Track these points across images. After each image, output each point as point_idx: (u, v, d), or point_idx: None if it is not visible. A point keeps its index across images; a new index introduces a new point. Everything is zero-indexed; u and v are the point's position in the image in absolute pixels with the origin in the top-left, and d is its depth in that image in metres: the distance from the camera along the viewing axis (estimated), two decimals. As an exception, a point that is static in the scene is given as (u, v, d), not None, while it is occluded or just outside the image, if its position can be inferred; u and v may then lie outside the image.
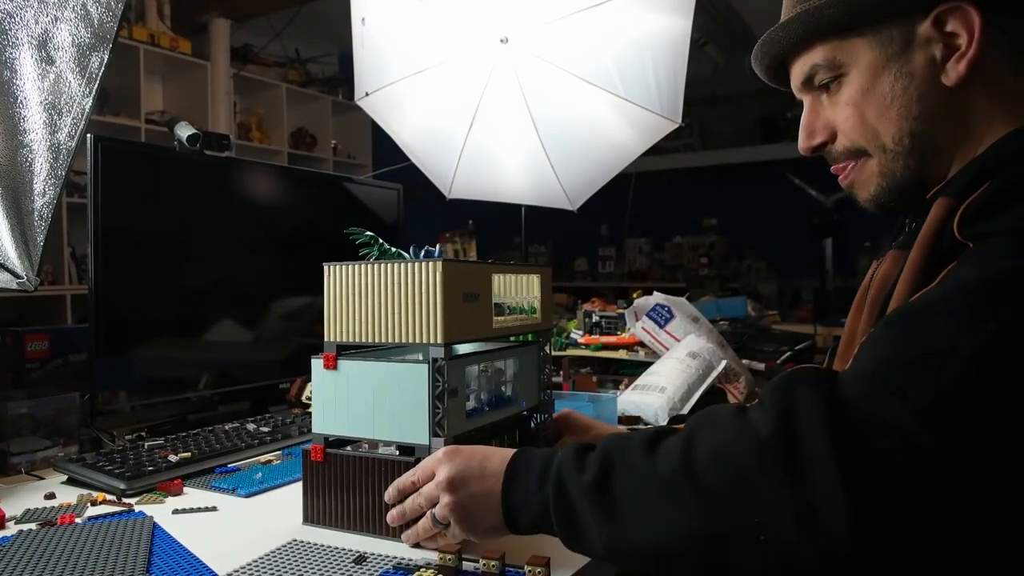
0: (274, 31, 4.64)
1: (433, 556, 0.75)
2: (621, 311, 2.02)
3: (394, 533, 0.81)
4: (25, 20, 1.00)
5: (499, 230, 4.22)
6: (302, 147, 5.04)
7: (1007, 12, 0.70)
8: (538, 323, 1.01)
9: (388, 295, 0.82)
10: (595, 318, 2.08)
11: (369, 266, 0.84)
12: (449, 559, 0.74)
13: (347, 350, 0.87)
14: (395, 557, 0.77)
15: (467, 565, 0.75)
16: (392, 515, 0.81)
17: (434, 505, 0.76)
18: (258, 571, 0.74)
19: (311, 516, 0.87)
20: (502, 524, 0.73)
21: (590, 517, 0.64)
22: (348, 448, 0.88)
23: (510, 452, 0.75)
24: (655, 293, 1.86)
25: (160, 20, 4.15)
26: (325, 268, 0.86)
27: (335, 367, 0.86)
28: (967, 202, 0.63)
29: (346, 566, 0.75)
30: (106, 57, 1.02)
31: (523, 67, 2.04)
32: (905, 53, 0.72)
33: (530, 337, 1.03)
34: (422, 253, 0.86)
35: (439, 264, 0.80)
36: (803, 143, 0.82)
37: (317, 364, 0.87)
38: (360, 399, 0.85)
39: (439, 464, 0.77)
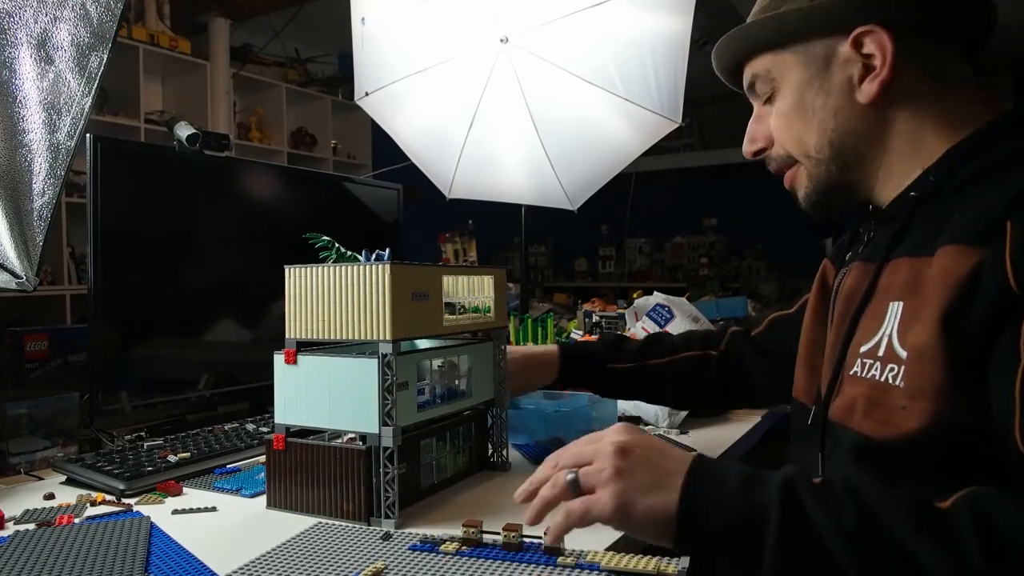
0: (274, 31, 4.64)
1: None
2: (621, 311, 2.02)
3: (349, 515, 0.87)
4: (24, 19, 1.00)
5: (499, 230, 4.21)
6: (302, 147, 5.04)
7: (918, 40, 0.76)
8: (492, 322, 1.07)
9: (343, 295, 0.89)
10: (595, 318, 2.08)
11: (326, 268, 0.90)
12: (472, 532, 0.78)
13: (308, 346, 0.93)
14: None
15: (488, 538, 0.79)
16: (524, 490, 0.72)
17: (579, 467, 0.67)
18: (258, 571, 0.74)
19: (274, 501, 0.93)
20: (671, 515, 0.62)
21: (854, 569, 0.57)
22: (311, 438, 0.94)
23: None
24: (655, 293, 1.86)
25: (159, 20, 4.14)
26: (286, 270, 0.93)
27: (295, 362, 0.92)
28: (1008, 253, 0.62)
29: (350, 565, 0.75)
30: (105, 57, 1.02)
31: (523, 67, 2.03)
32: (827, 71, 0.79)
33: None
34: (373, 256, 0.91)
35: (387, 267, 0.86)
36: (745, 147, 0.90)
37: (279, 359, 0.93)
38: (318, 392, 0.91)
39: (611, 432, 0.69)
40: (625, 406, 1.41)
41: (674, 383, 1.16)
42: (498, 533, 0.78)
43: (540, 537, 0.76)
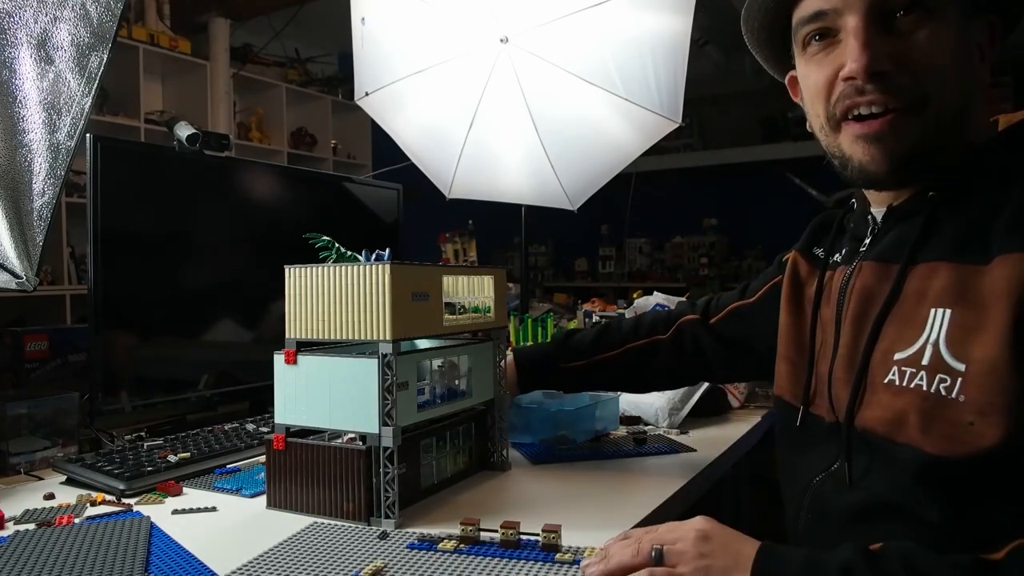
0: (274, 31, 4.64)
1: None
2: (621, 311, 2.02)
3: (350, 515, 0.87)
4: (24, 19, 1.00)
5: (499, 230, 4.21)
6: (302, 147, 5.03)
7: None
8: (492, 322, 1.08)
9: (343, 295, 0.89)
10: (595, 318, 2.08)
11: (326, 268, 0.91)
12: (470, 530, 0.79)
13: (308, 346, 0.93)
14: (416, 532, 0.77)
15: (485, 536, 0.80)
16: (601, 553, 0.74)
17: (659, 545, 0.71)
18: (258, 571, 0.74)
19: (274, 501, 0.93)
20: None
21: None
22: (311, 438, 0.94)
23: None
24: (655, 293, 1.86)
25: (159, 20, 4.14)
26: (286, 270, 0.93)
27: (295, 362, 0.92)
28: None
29: (345, 565, 0.75)
30: (105, 57, 1.02)
31: (523, 67, 2.03)
32: (973, 36, 0.76)
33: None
34: (373, 256, 0.91)
35: (387, 267, 0.87)
36: (866, 64, 0.71)
37: (279, 359, 0.94)
38: (318, 392, 0.91)
39: (693, 521, 0.73)
40: (625, 406, 1.42)
41: (626, 372, 1.19)
42: (496, 531, 0.79)
43: (537, 534, 0.77)
